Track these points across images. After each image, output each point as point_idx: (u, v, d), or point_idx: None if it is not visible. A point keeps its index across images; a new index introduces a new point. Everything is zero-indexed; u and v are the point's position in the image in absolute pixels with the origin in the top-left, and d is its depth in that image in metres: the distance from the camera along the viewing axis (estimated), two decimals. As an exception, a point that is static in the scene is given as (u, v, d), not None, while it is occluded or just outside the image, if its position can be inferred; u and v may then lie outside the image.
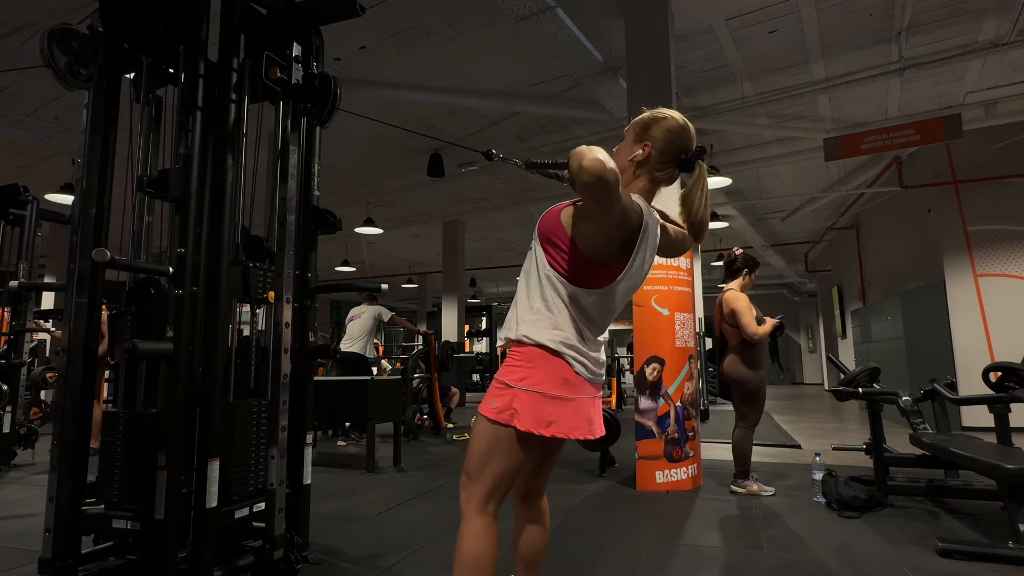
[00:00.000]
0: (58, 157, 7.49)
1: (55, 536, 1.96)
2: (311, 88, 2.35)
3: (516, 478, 1.44)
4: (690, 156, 1.45)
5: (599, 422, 1.45)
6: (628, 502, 3.41)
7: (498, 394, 1.38)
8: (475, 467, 1.39)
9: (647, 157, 1.45)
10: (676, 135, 1.45)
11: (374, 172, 8.59)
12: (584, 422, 1.39)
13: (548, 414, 1.34)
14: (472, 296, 17.90)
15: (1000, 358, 6.35)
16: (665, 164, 1.45)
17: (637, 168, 1.46)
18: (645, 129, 1.47)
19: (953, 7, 4.78)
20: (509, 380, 1.38)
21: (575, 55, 4.76)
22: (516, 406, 1.34)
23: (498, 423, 1.36)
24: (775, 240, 12.69)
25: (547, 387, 1.35)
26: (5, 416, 4.42)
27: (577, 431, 1.37)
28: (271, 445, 2.14)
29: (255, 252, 2.31)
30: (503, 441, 1.36)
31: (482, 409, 1.40)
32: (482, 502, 1.37)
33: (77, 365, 2.05)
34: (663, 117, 1.47)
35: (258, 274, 2.22)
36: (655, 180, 1.47)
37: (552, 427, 1.34)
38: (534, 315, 1.40)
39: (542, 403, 1.34)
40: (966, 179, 6.90)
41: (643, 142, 1.46)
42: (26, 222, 4.59)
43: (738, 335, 3.60)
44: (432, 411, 6.62)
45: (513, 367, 1.39)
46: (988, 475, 2.54)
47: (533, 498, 1.59)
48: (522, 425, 1.33)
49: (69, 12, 4.56)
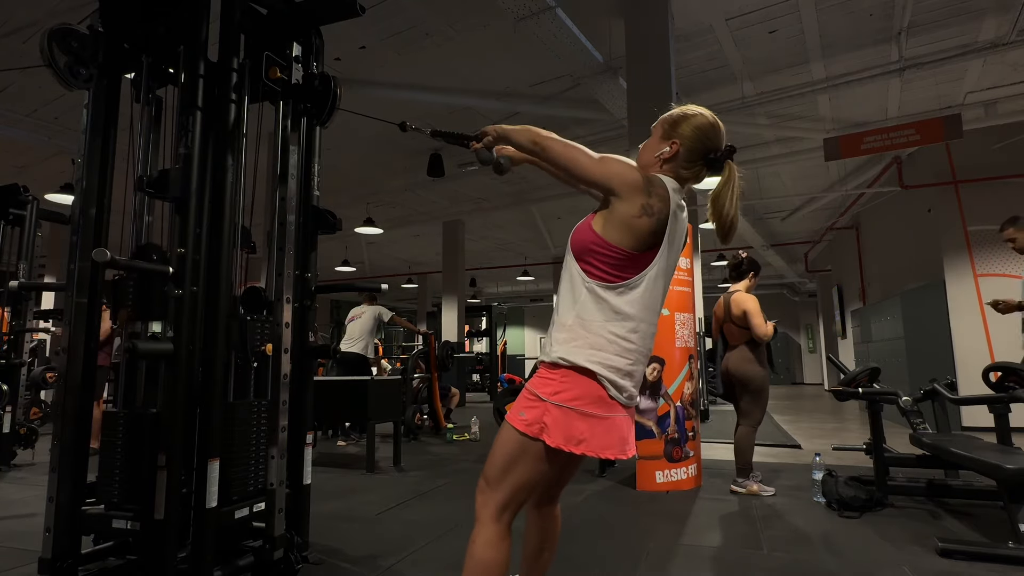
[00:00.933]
0: (58, 157, 7.49)
1: (55, 536, 1.96)
2: (311, 88, 2.35)
3: (536, 491, 1.41)
4: (719, 155, 1.41)
5: (632, 440, 1.39)
6: (628, 502, 3.41)
7: (528, 406, 1.34)
8: (495, 474, 1.35)
9: (675, 155, 1.41)
10: (706, 133, 1.41)
11: (374, 172, 8.59)
12: (617, 441, 1.33)
13: (579, 431, 1.29)
14: (472, 296, 17.90)
15: (1000, 358, 6.35)
16: (693, 163, 1.42)
17: (663, 165, 1.43)
18: (674, 126, 1.43)
19: (953, 7, 4.78)
20: (541, 393, 1.33)
21: (575, 55, 4.76)
22: (547, 420, 1.30)
23: (526, 436, 1.32)
24: (775, 240, 12.69)
25: (580, 404, 1.30)
26: (5, 416, 4.42)
27: (609, 451, 1.31)
28: (271, 445, 2.14)
29: (253, 304, 2.31)
30: (529, 454, 1.32)
31: (510, 419, 1.36)
32: (498, 510, 1.34)
33: (77, 365, 2.05)
34: (693, 114, 1.43)
35: (255, 327, 2.23)
36: (680, 179, 1.43)
37: (583, 445, 1.28)
38: (567, 334, 1.35)
39: (574, 420, 1.29)
40: (966, 179, 6.90)
41: (671, 139, 1.42)
42: (26, 222, 4.59)
43: (744, 335, 3.65)
44: (432, 411, 6.62)
45: (546, 380, 1.34)
46: (988, 475, 2.53)
47: (547, 504, 1.57)
48: (552, 441, 1.29)
49: (69, 12, 4.56)
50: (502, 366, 12.95)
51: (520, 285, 18.33)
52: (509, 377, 8.63)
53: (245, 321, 2.19)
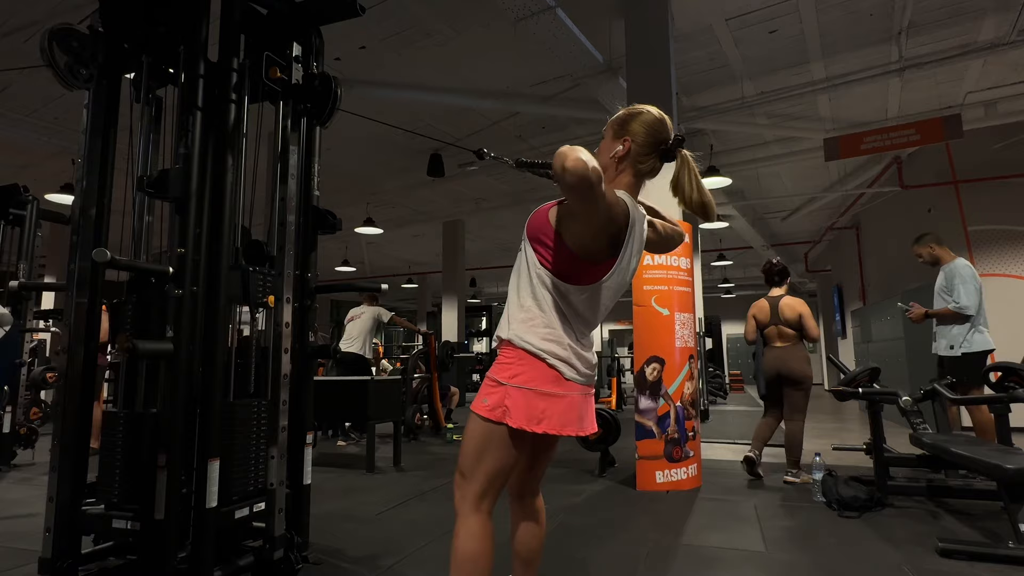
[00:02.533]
0: (58, 157, 7.49)
1: (55, 536, 1.96)
2: (311, 88, 2.35)
3: (510, 476, 1.45)
4: (670, 145, 1.47)
5: (591, 418, 1.46)
6: (628, 502, 3.41)
7: (490, 392, 1.40)
8: (469, 465, 1.40)
9: (628, 152, 1.47)
10: (654, 127, 1.47)
11: (374, 172, 8.59)
12: (575, 418, 1.40)
13: (539, 411, 1.35)
14: (472, 296, 17.89)
15: (1000, 358, 6.34)
16: (646, 156, 1.47)
17: (619, 164, 1.48)
18: (623, 125, 1.49)
19: (953, 7, 4.77)
20: (501, 378, 1.39)
21: (575, 55, 4.76)
22: (508, 403, 1.36)
23: (490, 421, 1.37)
24: (775, 240, 12.69)
25: (538, 383, 1.36)
26: (5, 416, 4.42)
27: (569, 427, 1.38)
28: (271, 445, 2.14)
29: (255, 256, 2.31)
30: (496, 439, 1.37)
31: (474, 407, 1.41)
32: (476, 500, 1.38)
33: (77, 365, 2.05)
34: (639, 112, 1.49)
35: (258, 279, 2.23)
36: (639, 173, 1.49)
37: (543, 424, 1.35)
38: (524, 314, 1.42)
39: (533, 400, 1.35)
40: (966, 179, 6.89)
41: (622, 138, 1.48)
42: (26, 222, 4.59)
43: (795, 336, 3.89)
44: (432, 411, 6.62)
45: (505, 364, 1.41)
46: (988, 475, 2.54)
47: (528, 496, 1.59)
48: (514, 422, 1.34)
49: (69, 12, 4.56)
50: (502, 366, 12.93)
51: (520, 285, 18.28)
52: (509, 377, 8.61)
53: (248, 271, 2.18)
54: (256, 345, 2.29)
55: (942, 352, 3.90)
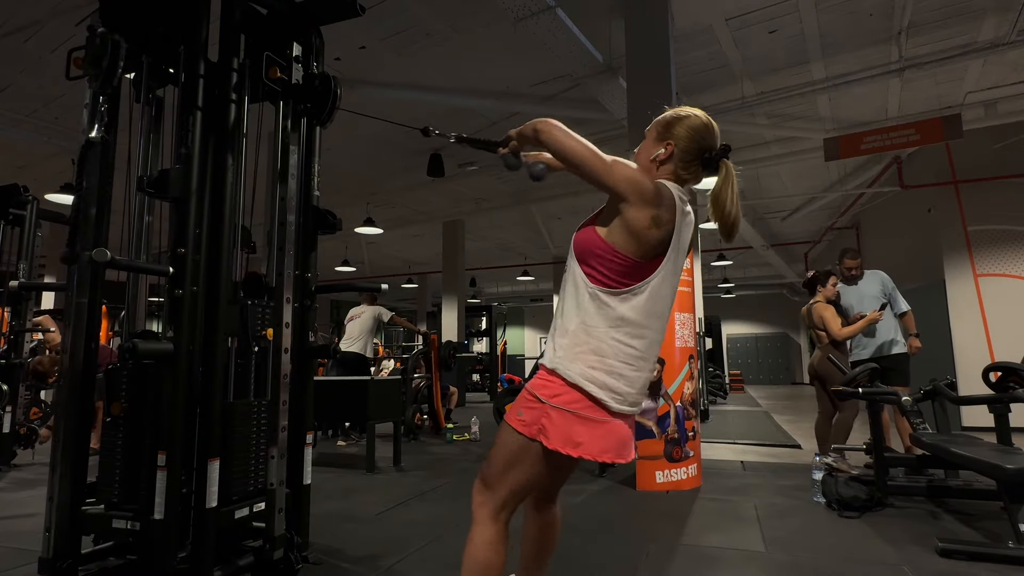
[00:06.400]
0: (58, 157, 7.48)
1: (55, 536, 1.96)
2: (311, 88, 2.35)
3: (534, 491, 1.42)
4: (714, 155, 1.41)
5: (631, 444, 1.37)
6: (628, 502, 3.41)
7: (527, 407, 1.34)
8: (494, 475, 1.36)
9: (670, 156, 1.41)
10: (699, 133, 1.41)
11: (374, 172, 8.59)
12: (615, 444, 1.32)
13: (578, 435, 1.28)
14: (472, 296, 17.90)
15: (1000, 358, 6.34)
16: (689, 164, 1.41)
17: (660, 167, 1.42)
18: (667, 128, 1.44)
19: (953, 7, 4.77)
20: (541, 395, 1.33)
21: (575, 55, 4.76)
22: (545, 423, 1.30)
23: (524, 436, 1.32)
24: (775, 240, 12.68)
25: (579, 407, 1.29)
26: (5, 416, 4.42)
27: (607, 454, 1.31)
28: (271, 445, 2.14)
29: (254, 289, 2.31)
30: (527, 455, 1.32)
31: (509, 419, 1.36)
32: (496, 510, 1.35)
33: (77, 365, 2.05)
34: (685, 115, 1.43)
35: (256, 312, 2.23)
36: (680, 180, 1.42)
37: (581, 448, 1.28)
38: (569, 339, 1.34)
39: (573, 423, 1.29)
40: (966, 179, 6.89)
41: (665, 141, 1.42)
42: (26, 222, 4.59)
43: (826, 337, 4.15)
44: (432, 411, 6.62)
45: (546, 382, 1.34)
46: (988, 475, 2.53)
47: (546, 503, 1.57)
48: (549, 444, 1.29)
49: (69, 12, 4.56)
50: (502, 366, 12.96)
51: (520, 285, 18.32)
52: (509, 377, 8.64)
53: (246, 306, 2.18)
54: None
55: (896, 351, 4.13)
